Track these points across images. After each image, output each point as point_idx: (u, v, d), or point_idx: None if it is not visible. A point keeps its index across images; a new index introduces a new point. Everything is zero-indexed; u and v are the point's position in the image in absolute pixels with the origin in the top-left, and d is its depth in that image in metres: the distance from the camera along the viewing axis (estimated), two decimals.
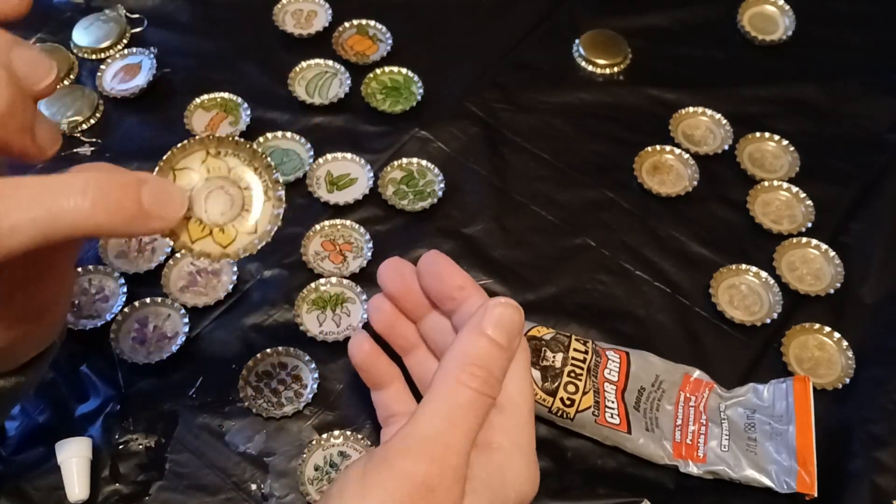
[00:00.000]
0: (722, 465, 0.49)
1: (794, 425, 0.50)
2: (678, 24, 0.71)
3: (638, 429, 0.49)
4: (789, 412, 0.50)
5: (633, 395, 0.50)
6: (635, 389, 0.51)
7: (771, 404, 0.51)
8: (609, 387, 0.50)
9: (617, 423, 0.49)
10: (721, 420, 0.51)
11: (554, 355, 0.50)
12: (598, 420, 0.49)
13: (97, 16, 0.68)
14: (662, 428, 0.50)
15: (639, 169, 0.62)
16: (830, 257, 0.58)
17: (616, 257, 0.58)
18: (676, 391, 0.51)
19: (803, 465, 0.48)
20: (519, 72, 0.67)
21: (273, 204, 0.37)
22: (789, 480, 0.48)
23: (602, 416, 0.49)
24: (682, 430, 0.50)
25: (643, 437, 0.49)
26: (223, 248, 0.37)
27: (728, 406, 0.51)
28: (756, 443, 0.50)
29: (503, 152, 0.63)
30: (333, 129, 0.63)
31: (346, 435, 0.50)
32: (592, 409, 0.49)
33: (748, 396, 0.52)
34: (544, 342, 0.50)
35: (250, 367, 0.52)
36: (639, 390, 0.51)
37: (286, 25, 0.68)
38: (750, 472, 0.49)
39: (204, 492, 0.48)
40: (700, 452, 0.49)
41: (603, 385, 0.50)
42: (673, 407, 0.51)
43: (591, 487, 0.49)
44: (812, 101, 0.67)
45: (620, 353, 0.52)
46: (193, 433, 0.50)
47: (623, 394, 0.50)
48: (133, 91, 0.63)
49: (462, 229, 0.59)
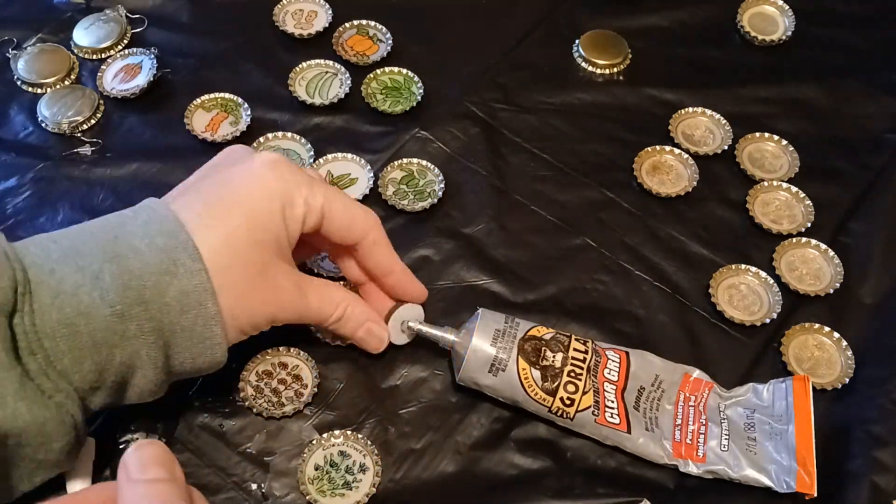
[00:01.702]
0: (721, 465, 0.49)
1: (793, 425, 0.50)
2: (678, 24, 0.71)
3: (638, 428, 0.49)
4: (789, 412, 0.50)
5: (632, 395, 0.50)
6: (635, 389, 0.51)
7: (770, 404, 0.51)
8: (609, 386, 0.50)
9: (617, 423, 0.49)
10: (721, 420, 0.51)
11: (554, 355, 0.50)
12: (598, 420, 0.49)
13: (98, 16, 0.68)
14: (662, 427, 0.50)
15: (639, 169, 0.62)
16: (830, 257, 0.58)
17: (616, 257, 0.58)
18: (676, 391, 0.51)
19: (803, 465, 0.48)
20: (519, 72, 0.67)
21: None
22: (789, 480, 0.48)
23: (602, 415, 0.49)
24: (681, 429, 0.50)
25: (643, 436, 0.49)
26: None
27: (728, 406, 0.51)
28: (756, 442, 0.50)
29: (503, 152, 0.63)
30: (334, 129, 0.64)
31: (346, 434, 0.50)
32: (592, 409, 0.49)
33: (748, 396, 0.52)
34: (544, 342, 0.50)
35: (250, 367, 0.52)
36: (638, 390, 0.51)
37: (286, 26, 0.68)
38: (749, 471, 0.49)
39: (204, 491, 0.47)
40: (700, 452, 0.49)
41: (603, 385, 0.50)
42: (673, 407, 0.51)
43: (591, 487, 0.49)
44: (812, 101, 0.67)
45: (620, 352, 0.52)
46: (193, 433, 0.50)
47: (623, 393, 0.50)
48: (133, 91, 0.63)
49: (462, 229, 0.59)
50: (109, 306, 0.41)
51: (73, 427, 0.41)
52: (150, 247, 0.42)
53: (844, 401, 0.53)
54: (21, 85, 0.64)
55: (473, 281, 0.57)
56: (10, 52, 0.66)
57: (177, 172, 0.58)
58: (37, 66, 0.64)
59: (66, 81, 0.64)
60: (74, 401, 0.41)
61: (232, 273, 0.44)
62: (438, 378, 0.52)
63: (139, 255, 0.42)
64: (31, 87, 0.64)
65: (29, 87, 0.64)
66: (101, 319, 0.41)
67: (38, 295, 0.40)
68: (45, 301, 0.40)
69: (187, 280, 0.42)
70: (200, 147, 0.61)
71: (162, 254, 0.42)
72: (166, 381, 0.45)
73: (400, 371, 0.53)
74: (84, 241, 0.43)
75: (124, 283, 0.41)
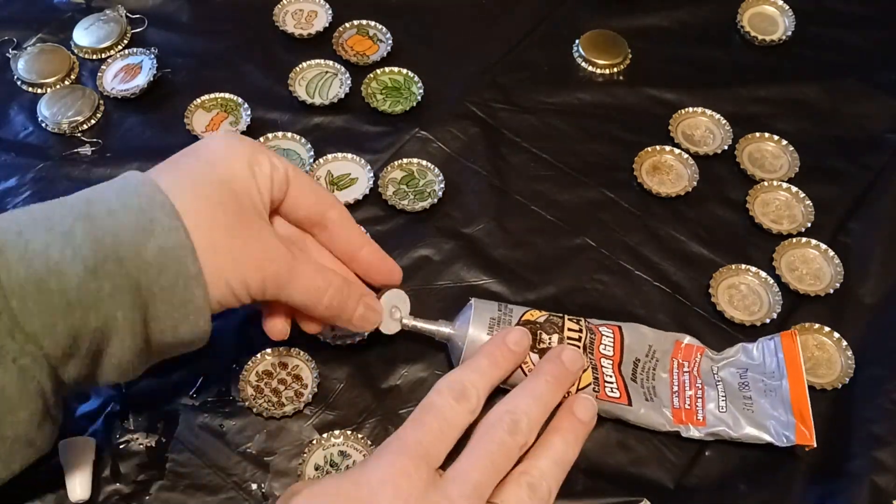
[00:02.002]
0: (722, 426, 0.50)
1: (786, 380, 0.51)
2: (678, 24, 0.71)
3: (638, 400, 0.50)
4: (780, 368, 0.51)
5: (629, 368, 0.51)
6: (630, 361, 0.51)
7: (762, 362, 0.52)
8: (606, 361, 0.50)
9: (617, 397, 0.49)
10: (716, 382, 0.51)
11: (549, 337, 0.50)
12: (599, 395, 0.49)
13: (98, 16, 0.68)
14: (661, 396, 0.51)
15: (639, 169, 0.62)
16: (830, 257, 0.58)
17: (616, 257, 0.58)
18: (669, 358, 0.52)
19: (800, 418, 0.49)
20: (519, 72, 0.67)
21: None
22: (788, 434, 0.49)
23: (602, 391, 0.49)
24: (679, 395, 0.51)
25: (643, 407, 0.50)
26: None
27: (720, 368, 0.52)
28: (752, 401, 0.50)
29: (503, 152, 0.63)
30: (334, 129, 0.64)
31: (346, 434, 0.50)
32: (592, 386, 0.49)
33: (738, 356, 0.53)
34: (539, 325, 0.50)
35: (250, 367, 0.52)
36: (634, 362, 0.51)
37: (286, 25, 0.68)
38: (749, 429, 0.49)
39: (204, 491, 0.48)
40: (699, 416, 0.50)
41: (600, 360, 0.50)
42: (668, 374, 0.51)
43: (591, 487, 0.49)
44: (812, 101, 0.67)
45: (613, 327, 0.52)
46: (194, 433, 0.50)
47: (620, 367, 0.51)
48: (133, 91, 0.63)
49: (462, 229, 0.59)
50: (82, 262, 0.39)
51: (40, 395, 0.39)
52: (124, 206, 0.41)
53: (844, 401, 0.53)
54: (21, 85, 0.64)
55: (473, 281, 0.57)
56: (10, 52, 0.66)
57: None
58: (37, 66, 0.65)
59: (66, 81, 0.64)
60: (42, 366, 0.38)
61: (215, 230, 0.42)
62: (438, 378, 0.52)
63: (113, 214, 0.40)
64: (31, 87, 0.64)
65: (29, 87, 0.64)
66: (74, 276, 0.38)
67: (4, 253, 0.38)
68: (12, 258, 0.38)
69: (164, 237, 0.40)
70: None
71: (138, 213, 0.40)
72: (146, 354, 0.42)
73: (400, 371, 0.53)
74: (55, 209, 0.41)
75: (97, 238, 0.39)
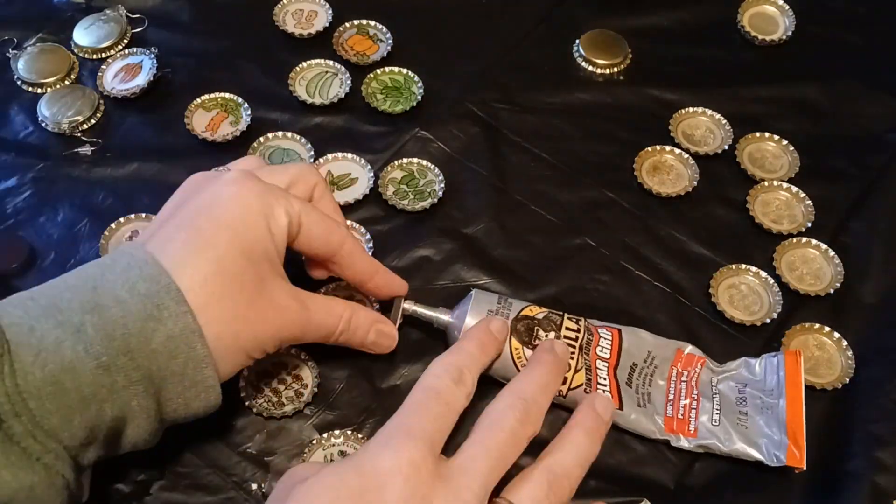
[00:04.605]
0: (712, 440, 0.49)
1: (784, 399, 0.50)
2: (678, 24, 0.71)
3: (630, 405, 0.50)
4: (780, 386, 0.51)
5: (624, 372, 0.51)
6: (627, 366, 0.51)
7: (762, 378, 0.52)
8: (601, 364, 0.50)
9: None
10: (713, 394, 0.51)
11: (546, 334, 0.50)
12: None
13: (98, 16, 0.68)
14: (654, 403, 0.51)
15: (639, 169, 0.62)
16: (830, 257, 0.58)
17: (616, 257, 0.58)
18: (669, 366, 0.52)
19: (793, 439, 0.49)
20: (519, 72, 0.67)
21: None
22: (779, 454, 0.48)
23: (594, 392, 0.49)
24: (673, 404, 0.51)
25: (634, 412, 0.50)
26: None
27: (720, 380, 0.52)
28: (747, 416, 0.50)
29: (503, 152, 0.63)
30: (334, 129, 0.64)
31: (346, 434, 0.50)
32: (584, 387, 0.49)
33: (740, 370, 0.52)
34: (537, 321, 0.50)
35: (250, 367, 0.52)
36: (631, 366, 0.51)
37: (286, 25, 0.68)
38: (740, 445, 0.49)
39: (204, 491, 0.48)
40: (691, 427, 0.50)
41: (595, 362, 0.50)
42: (665, 382, 0.51)
43: (591, 487, 0.49)
44: (812, 101, 0.67)
45: (612, 330, 0.52)
46: (194, 433, 0.50)
47: (615, 370, 0.51)
48: (134, 91, 0.63)
49: (462, 229, 0.59)
50: (95, 359, 0.39)
51: (65, 487, 0.40)
52: (131, 294, 0.41)
53: (844, 401, 0.53)
54: (21, 85, 0.64)
55: (473, 281, 0.57)
56: (10, 52, 0.66)
57: (177, 172, 0.58)
58: (37, 65, 0.65)
59: (66, 81, 0.64)
60: (65, 460, 0.39)
61: (225, 301, 0.43)
62: None
63: (121, 304, 0.41)
64: (31, 86, 0.64)
65: (29, 87, 0.64)
66: (87, 373, 0.39)
67: (17, 355, 0.38)
68: (27, 360, 0.38)
69: (172, 324, 0.41)
70: (200, 147, 0.61)
71: (144, 300, 0.41)
72: (160, 430, 0.44)
73: (400, 371, 0.53)
74: (63, 295, 0.41)
75: (107, 333, 0.40)
